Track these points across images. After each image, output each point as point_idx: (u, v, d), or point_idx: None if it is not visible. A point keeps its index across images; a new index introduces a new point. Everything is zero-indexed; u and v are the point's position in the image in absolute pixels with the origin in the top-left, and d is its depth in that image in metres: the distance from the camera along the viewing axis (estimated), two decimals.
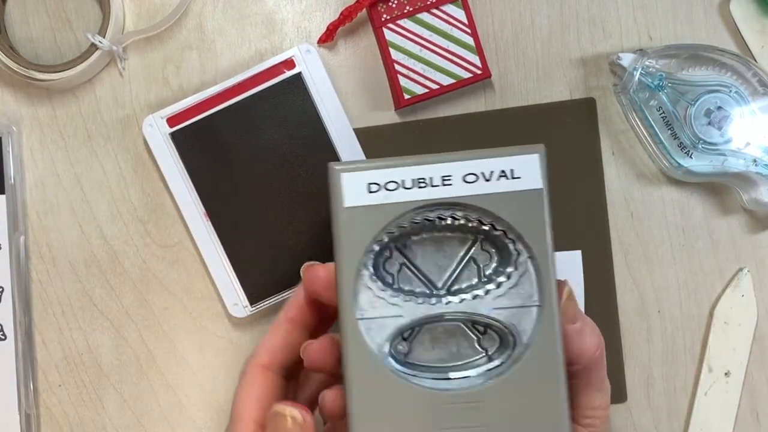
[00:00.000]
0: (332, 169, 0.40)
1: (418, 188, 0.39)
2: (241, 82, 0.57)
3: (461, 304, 0.40)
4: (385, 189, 0.40)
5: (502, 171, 0.39)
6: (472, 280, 0.42)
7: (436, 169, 0.40)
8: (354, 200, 0.40)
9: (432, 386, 0.40)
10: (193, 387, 0.59)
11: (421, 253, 0.42)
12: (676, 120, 0.56)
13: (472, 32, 0.57)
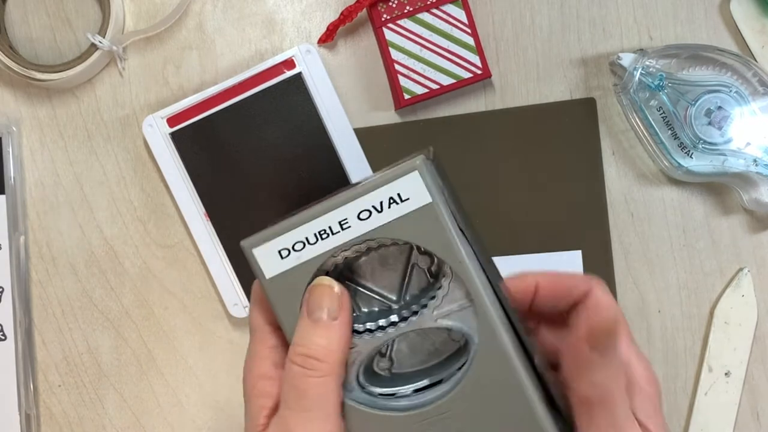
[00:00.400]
0: (244, 248, 0.41)
1: (322, 240, 0.40)
2: (241, 82, 0.56)
3: (406, 325, 0.41)
4: (294, 251, 0.41)
5: (390, 198, 0.40)
6: (423, 284, 0.42)
7: (330, 218, 0.40)
8: (272, 270, 0.41)
9: (405, 405, 0.41)
10: (193, 387, 0.59)
11: (369, 272, 0.43)
12: (677, 120, 0.56)
13: (472, 32, 0.57)
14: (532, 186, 0.58)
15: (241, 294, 0.57)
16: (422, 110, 0.59)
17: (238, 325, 0.59)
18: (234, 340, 0.59)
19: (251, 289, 0.43)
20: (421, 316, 0.41)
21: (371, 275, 0.43)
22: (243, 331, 0.59)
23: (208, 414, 0.59)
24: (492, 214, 0.58)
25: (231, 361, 0.59)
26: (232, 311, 0.57)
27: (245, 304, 0.57)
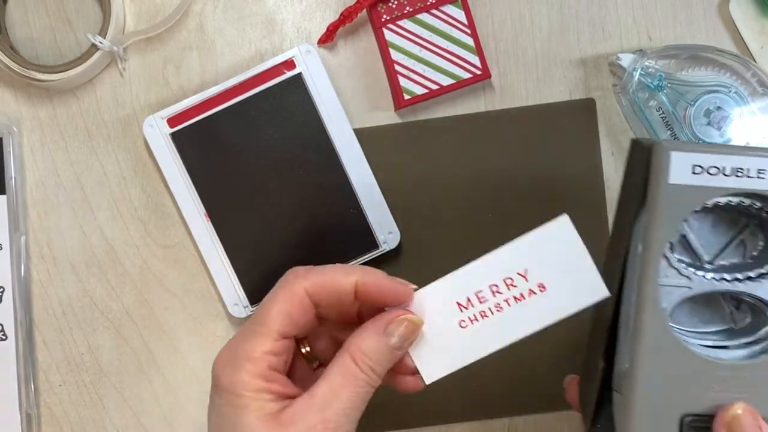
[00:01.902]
0: (661, 146, 0.42)
1: (735, 177, 0.42)
2: (241, 82, 0.57)
3: (742, 285, 0.44)
4: (707, 173, 0.42)
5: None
6: (735, 258, 0.45)
7: (754, 162, 0.42)
8: (678, 178, 0.42)
9: (707, 354, 0.43)
10: (193, 387, 0.59)
11: (697, 227, 0.45)
12: (676, 120, 0.56)
13: (472, 33, 0.57)
14: (532, 186, 0.58)
15: (241, 294, 0.57)
16: (422, 110, 0.59)
17: (238, 325, 0.59)
18: None
19: (282, 285, 0.44)
20: (759, 285, 0.44)
21: (698, 230, 0.45)
22: None
23: None
24: (491, 213, 0.59)
25: None
26: (232, 311, 0.57)
27: (245, 304, 0.57)
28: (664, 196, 0.42)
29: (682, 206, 0.42)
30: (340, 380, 0.42)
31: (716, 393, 0.43)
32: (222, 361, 0.43)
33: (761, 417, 0.43)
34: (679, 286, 0.44)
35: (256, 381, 0.42)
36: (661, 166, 0.42)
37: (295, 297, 0.43)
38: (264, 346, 0.42)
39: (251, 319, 0.44)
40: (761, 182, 0.42)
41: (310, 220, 0.57)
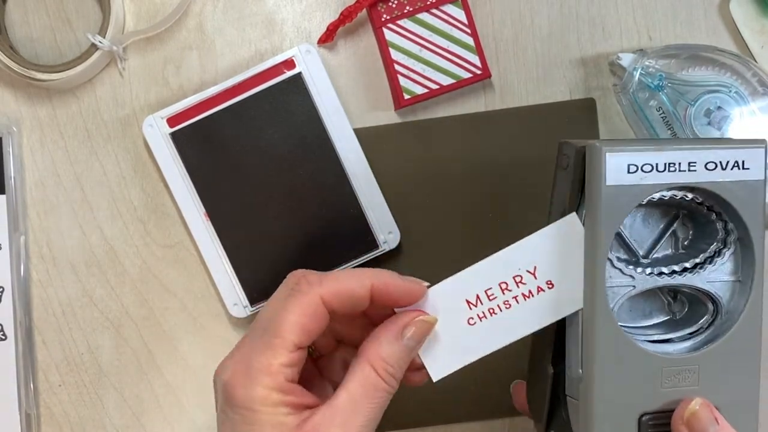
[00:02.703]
0: (596, 148, 0.43)
1: (668, 172, 0.43)
2: (241, 82, 0.57)
3: (681, 277, 0.45)
4: (642, 171, 0.43)
5: (735, 161, 0.44)
6: (668, 250, 0.46)
7: (685, 156, 0.43)
8: (614, 179, 0.43)
9: (654, 350, 0.44)
10: (193, 387, 0.59)
11: (630, 224, 0.46)
12: (676, 120, 0.56)
13: (472, 32, 0.57)
14: (532, 186, 0.58)
15: (241, 294, 0.57)
16: (422, 110, 0.59)
17: (238, 325, 0.59)
18: (234, 340, 0.59)
19: (295, 294, 0.42)
20: (696, 275, 0.45)
21: (630, 226, 0.46)
22: (243, 331, 0.59)
23: (208, 414, 0.59)
24: (492, 213, 0.58)
25: None
26: (232, 311, 0.57)
27: (245, 304, 0.57)
28: (603, 199, 0.42)
29: (621, 207, 0.43)
30: (360, 391, 0.42)
31: (669, 389, 0.44)
32: (234, 375, 0.41)
33: (715, 408, 0.44)
34: (624, 286, 0.44)
35: (274, 395, 0.41)
36: (597, 169, 0.42)
37: (310, 307, 0.42)
38: (280, 359, 0.41)
39: (261, 328, 0.42)
40: (693, 175, 0.43)
41: (310, 220, 0.57)
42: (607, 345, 0.43)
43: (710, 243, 0.45)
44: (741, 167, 0.44)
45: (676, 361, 0.44)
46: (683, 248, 0.46)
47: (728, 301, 0.45)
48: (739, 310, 0.45)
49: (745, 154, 0.43)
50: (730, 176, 0.43)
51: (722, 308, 0.45)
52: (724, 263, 0.45)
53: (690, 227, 0.46)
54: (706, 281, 0.45)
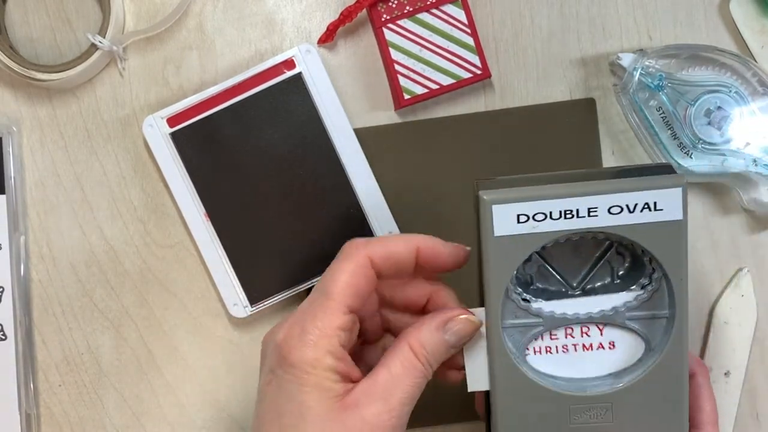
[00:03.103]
0: (483, 200, 0.41)
1: (564, 219, 0.41)
2: (241, 82, 0.57)
3: (598, 315, 0.44)
4: (533, 220, 0.41)
5: (645, 203, 0.41)
6: (605, 279, 0.45)
7: (583, 202, 0.41)
8: (503, 230, 0.41)
9: (565, 389, 0.43)
10: (193, 387, 0.59)
11: (558, 255, 0.44)
12: (676, 120, 0.56)
13: (472, 32, 0.57)
14: None
15: (241, 294, 0.57)
16: (422, 110, 0.59)
17: (238, 324, 0.59)
18: (234, 339, 0.59)
19: (345, 257, 0.43)
20: (615, 313, 0.43)
21: (559, 256, 0.44)
22: (243, 331, 0.59)
23: (208, 414, 0.59)
24: None
25: (231, 360, 0.59)
26: (232, 311, 0.57)
27: (245, 304, 0.57)
28: (491, 250, 0.42)
29: (510, 257, 0.42)
30: (400, 369, 0.42)
31: (580, 425, 0.43)
32: (289, 336, 0.42)
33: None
34: (531, 325, 0.44)
35: (327, 359, 0.41)
36: (486, 220, 0.41)
37: (360, 268, 0.43)
38: (335, 321, 0.42)
39: (315, 293, 0.43)
40: (594, 220, 0.41)
41: (310, 220, 0.57)
42: (507, 383, 0.43)
43: (641, 275, 0.44)
44: (653, 209, 0.41)
45: (584, 399, 0.43)
46: (619, 278, 0.45)
47: (652, 337, 0.44)
48: (660, 348, 0.43)
49: (656, 195, 0.41)
50: (639, 219, 0.41)
51: (648, 344, 0.44)
52: (646, 300, 0.44)
53: (627, 256, 0.44)
54: (625, 318, 0.44)
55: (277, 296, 0.57)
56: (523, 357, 0.44)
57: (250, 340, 0.59)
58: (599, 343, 0.44)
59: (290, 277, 0.57)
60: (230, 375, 0.59)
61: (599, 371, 0.44)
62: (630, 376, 0.44)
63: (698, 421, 0.47)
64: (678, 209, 0.41)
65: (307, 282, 0.57)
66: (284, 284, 0.57)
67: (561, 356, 0.44)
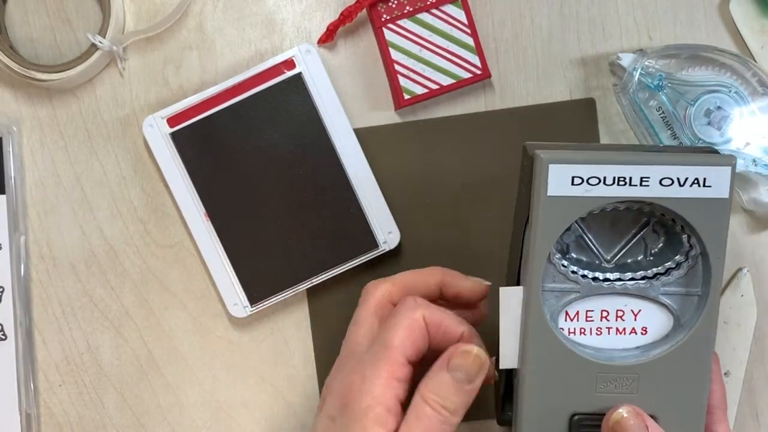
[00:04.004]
0: (540, 158, 0.42)
1: (617, 186, 0.42)
2: (241, 82, 0.57)
3: (633, 287, 0.44)
4: (587, 183, 0.42)
5: (695, 179, 0.42)
6: (637, 256, 0.46)
7: (636, 170, 0.42)
8: (556, 190, 0.42)
9: (593, 357, 0.44)
10: (193, 387, 0.59)
11: (596, 226, 0.45)
12: (676, 120, 0.56)
13: (472, 32, 0.57)
14: None
15: (241, 294, 0.57)
16: (422, 110, 0.59)
17: (238, 325, 0.59)
18: (234, 340, 0.59)
19: (401, 308, 0.45)
20: (650, 286, 0.44)
21: (597, 228, 0.45)
22: (243, 331, 0.59)
23: (208, 414, 0.59)
24: (492, 213, 0.58)
25: (231, 361, 0.59)
26: (232, 311, 0.57)
27: (245, 304, 0.57)
28: (542, 209, 0.42)
29: (560, 218, 0.43)
30: (416, 424, 0.43)
31: (604, 394, 0.44)
32: (351, 382, 0.44)
33: (648, 416, 0.44)
34: (568, 290, 0.45)
35: (380, 409, 0.43)
36: (540, 179, 0.42)
37: (416, 323, 0.45)
38: (395, 372, 0.44)
39: (377, 343, 0.45)
40: (645, 190, 0.42)
41: (310, 220, 0.57)
42: (539, 344, 0.44)
43: (676, 254, 0.44)
44: (701, 185, 0.42)
45: (612, 368, 0.44)
46: (652, 255, 0.46)
47: (682, 313, 0.45)
48: (690, 324, 0.44)
49: (706, 171, 0.42)
50: (688, 193, 0.42)
51: (678, 321, 0.45)
52: (681, 276, 0.44)
53: (661, 235, 0.45)
54: (659, 292, 0.45)
55: (277, 296, 0.57)
56: (555, 323, 0.45)
57: (250, 340, 0.59)
58: (632, 327, 0.45)
59: (290, 277, 0.57)
60: (230, 375, 0.59)
61: (628, 344, 0.45)
62: (657, 350, 0.44)
63: (710, 405, 0.47)
64: (726, 188, 0.42)
65: (307, 282, 0.57)
66: (284, 284, 0.57)
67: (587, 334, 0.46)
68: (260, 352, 0.59)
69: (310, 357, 0.59)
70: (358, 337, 0.47)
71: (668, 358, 0.44)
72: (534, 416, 0.45)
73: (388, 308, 0.48)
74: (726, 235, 0.43)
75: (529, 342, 0.44)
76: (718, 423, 0.47)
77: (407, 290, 0.48)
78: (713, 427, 0.47)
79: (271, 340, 0.59)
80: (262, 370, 0.59)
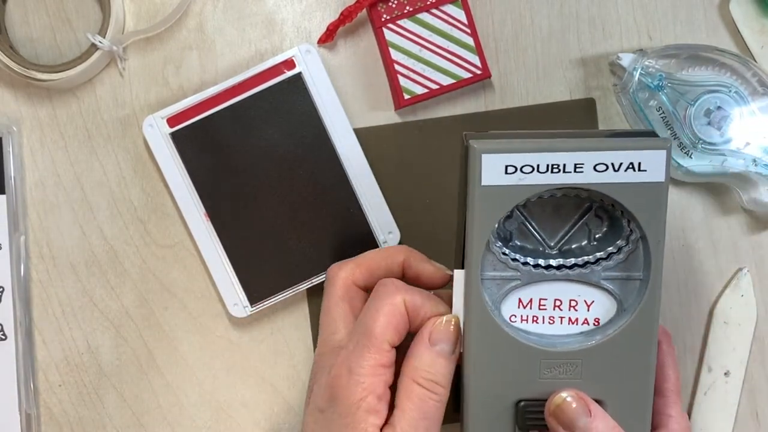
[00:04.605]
0: (473, 149, 0.43)
1: (551, 173, 0.42)
2: (241, 82, 0.57)
3: (574, 273, 0.45)
4: (521, 171, 0.42)
5: (630, 163, 0.42)
6: (581, 242, 0.46)
7: (570, 157, 0.42)
8: (490, 180, 0.43)
9: (536, 343, 0.45)
10: (193, 387, 0.59)
11: (538, 213, 0.46)
12: (676, 120, 0.56)
13: (472, 32, 0.57)
14: None
15: (241, 294, 0.57)
16: (422, 110, 0.59)
17: (238, 324, 0.59)
18: (234, 339, 0.59)
19: (380, 292, 0.46)
20: (591, 272, 0.45)
21: (540, 215, 0.46)
22: (243, 331, 0.59)
23: (208, 414, 0.59)
24: None
25: (231, 361, 0.59)
26: (232, 311, 0.57)
27: (245, 304, 0.57)
28: (478, 199, 0.43)
29: (496, 207, 0.43)
30: (410, 406, 0.44)
31: (548, 380, 0.45)
32: (338, 375, 0.44)
33: (591, 400, 0.44)
34: (509, 278, 0.45)
35: (371, 399, 0.43)
36: (474, 168, 0.43)
37: (396, 308, 0.45)
38: (380, 359, 0.44)
39: (356, 333, 0.45)
40: (579, 176, 0.42)
41: (310, 220, 0.57)
42: (481, 332, 0.44)
43: (618, 238, 0.45)
44: (637, 169, 0.42)
45: (555, 354, 0.45)
46: (595, 241, 0.46)
47: (625, 298, 0.45)
48: (633, 309, 0.44)
49: (641, 155, 0.42)
50: (623, 178, 0.42)
51: (621, 305, 0.45)
52: (622, 260, 0.45)
53: (605, 220, 0.46)
54: (600, 277, 0.45)
55: (277, 296, 0.57)
56: (498, 310, 0.45)
57: (250, 340, 0.59)
58: (575, 314, 0.46)
59: (290, 277, 0.57)
60: (230, 375, 0.59)
61: (572, 330, 0.46)
62: (600, 335, 0.45)
63: (663, 388, 0.49)
64: (661, 171, 0.42)
65: (307, 282, 0.57)
66: (284, 284, 0.57)
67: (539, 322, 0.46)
68: (260, 352, 0.59)
69: (310, 357, 0.59)
70: (332, 326, 0.47)
71: (611, 343, 0.44)
72: (480, 402, 0.45)
73: (355, 290, 0.48)
74: (664, 218, 0.43)
75: (470, 328, 0.45)
76: (672, 406, 0.48)
77: (371, 270, 0.48)
78: (666, 410, 0.48)
79: (271, 340, 0.59)
80: (262, 370, 0.59)
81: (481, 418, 0.45)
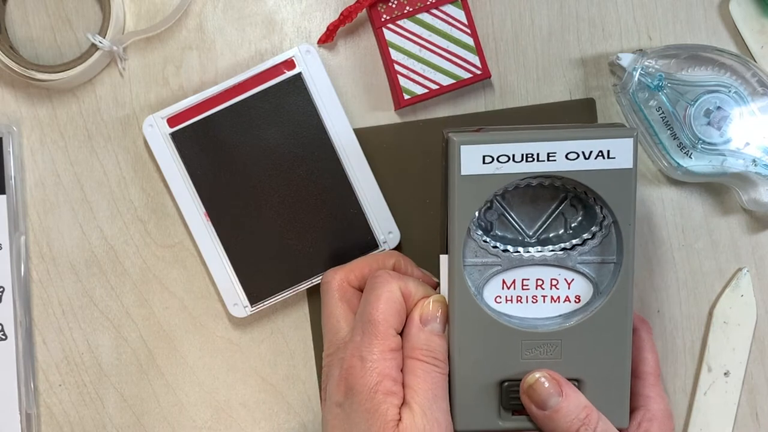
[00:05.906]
0: (452, 141, 0.46)
1: (525, 162, 0.46)
2: (241, 82, 0.57)
3: (552, 257, 0.48)
4: (497, 161, 0.46)
5: (600, 151, 0.46)
6: (558, 230, 0.49)
7: (543, 147, 0.46)
8: (469, 170, 0.46)
9: (517, 325, 0.48)
10: (193, 387, 0.59)
11: (517, 204, 0.49)
12: (676, 120, 0.56)
13: (471, 32, 0.57)
14: None
15: (241, 294, 0.57)
16: (422, 110, 0.59)
17: (238, 325, 0.59)
18: (234, 339, 0.59)
19: (377, 282, 0.48)
20: (567, 257, 0.48)
21: (518, 206, 0.49)
22: (243, 331, 0.59)
23: (208, 414, 0.59)
24: None
25: (231, 360, 0.59)
26: (232, 311, 0.57)
27: (245, 304, 0.57)
28: (458, 188, 0.46)
29: (475, 195, 0.46)
30: (418, 382, 0.46)
31: (531, 359, 0.47)
32: (351, 366, 0.46)
33: (565, 381, 0.46)
34: (490, 264, 0.48)
35: (387, 383, 0.45)
36: (454, 159, 0.46)
37: (393, 294, 0.47)
38: (387, 345, 0.46)
39: (360, 322, 0.47)
40: (552, 164, 0.46)
41: (310, 221, 0.57)
42: (464, 316, 0.47)
43: (592, 225, 0.48)
44: (606, 156, 0.46)
45: (535, 335, 0.47)
46: (571, 229, 0.49)
47: (601, 281, 0.48)
48: (608, 291, 0.47)
49: (609, 143, 0.45)
50: (593, 165, 0.46)
51: (597, 288, 0.48)
52: (596, 245, 0.48)
53: (579, 209, 0.49)
54: (577, 261, 0.48)
55: (277, 296, 0.57)
56: (481, 294, 0.48)
57: (250, 340, 0.59)
58: (555, 296, 0.48)
59: (290, 277, 0.57)
60: (230, 375, 0.59)
61: (552, 312, 0.48)
62: (578, 317, 0.48)
63: (641, 371, 0.51)
64: (629, 158, 0.46)
65: (307, 282, 0.57)
66: (284, 284, 0.57)
67: (523, 302, 0.49)
68: (260, 352, 0.59)
69: (310, 357, 0.59)
70: (335, 327, 0.49)
71: (589, 324, 0.47)
72: (466, 383, 0.47)
73: (351, 291, 0.50)
74: (634, 202, 0.46)
75: (454, 312, 0.47)
76: (651, 387, 0.51)
77: (363, 275, 0.50)
78: (644, 391, 0.50)
79: (271, 340, 0.59)
80: (262, 370, 0.59)
81: (468, 399, 0.48)
